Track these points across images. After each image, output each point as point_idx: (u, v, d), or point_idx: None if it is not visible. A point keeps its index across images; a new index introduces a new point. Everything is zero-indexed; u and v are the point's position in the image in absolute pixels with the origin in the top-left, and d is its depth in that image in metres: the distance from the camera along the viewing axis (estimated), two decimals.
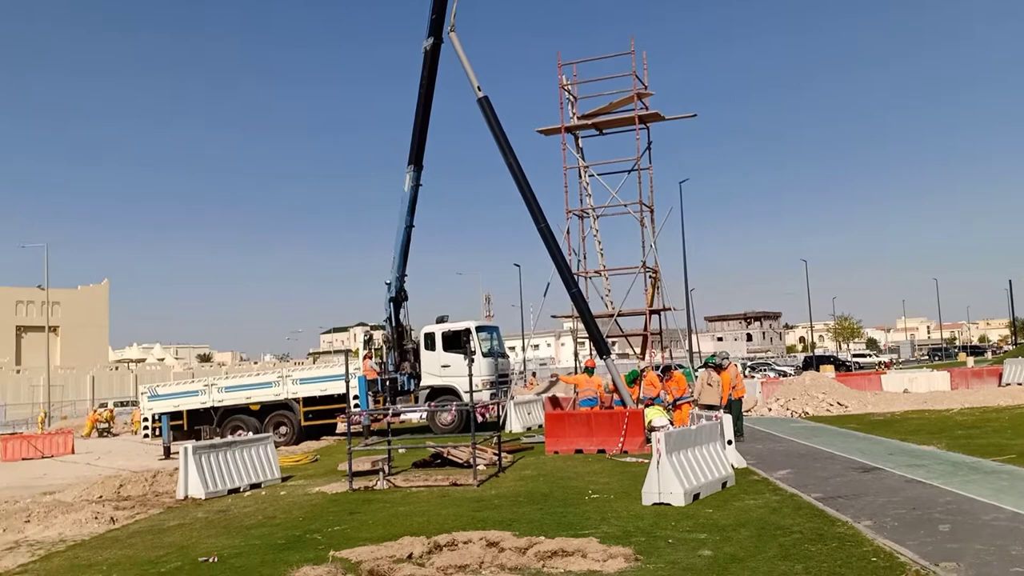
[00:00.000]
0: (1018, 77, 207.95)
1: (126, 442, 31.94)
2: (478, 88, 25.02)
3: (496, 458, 16.87)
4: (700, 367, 20.93)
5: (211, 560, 9.42)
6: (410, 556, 9.04)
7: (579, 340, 32.40)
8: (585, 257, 27.90)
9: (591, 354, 27.12)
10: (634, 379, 22.86)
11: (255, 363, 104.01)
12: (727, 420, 15.11)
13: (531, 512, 11.43)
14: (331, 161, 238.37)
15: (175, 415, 26.65)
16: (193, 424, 26.71)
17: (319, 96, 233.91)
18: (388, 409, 19.09)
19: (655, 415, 18.45)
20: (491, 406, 20.78)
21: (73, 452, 27.62)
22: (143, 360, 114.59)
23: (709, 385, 19.24)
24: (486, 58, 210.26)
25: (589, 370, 22.39)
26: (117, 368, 76.81)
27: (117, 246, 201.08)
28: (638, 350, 28.33)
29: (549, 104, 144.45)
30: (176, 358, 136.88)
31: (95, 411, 39.92)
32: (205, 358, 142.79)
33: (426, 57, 26.64)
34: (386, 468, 15.73)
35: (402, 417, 25.79)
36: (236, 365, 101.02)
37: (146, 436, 27.32)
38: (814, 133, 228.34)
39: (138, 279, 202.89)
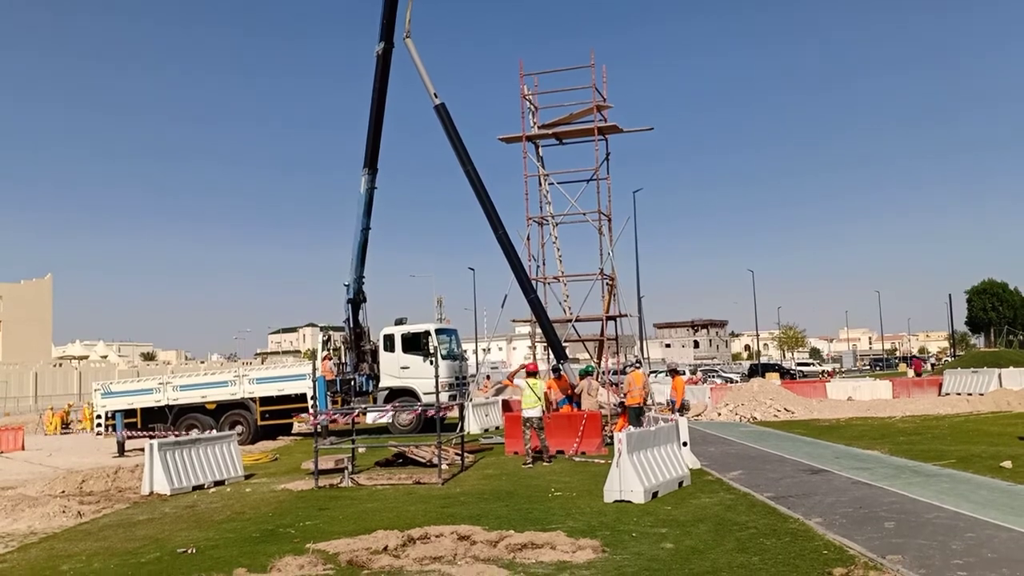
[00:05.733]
0: (961, 107, 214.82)
1: (77, 439, 31.56)
2: (435, 95, 25.10)
3: (458, 458, 17.27)
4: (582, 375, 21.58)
5: (189, 551, 9.65)
6: (386, 548, 9.37)
7: (536, 344, 32.83)
8: (544, 263, 28.22)
9: (543, 359, 27.59)
10: (585, 375, 23.31)
11: (202, 362, 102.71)
12: (683, 423, 15.69)
13: (498, 508, 11.84)
14: (285, 154, 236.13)
15: (129, 413, 26.48)
16: (147, 422, 26.55)
17: (276, 87, 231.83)
18: (355, 409, 19.29)
19: (528, 405, 17.88)
20: (451, 407, 21.11)
21: (23, 449, 27.27)
22: (86, 357, 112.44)
23: (589, 395, 19.89)
24: (446, 62, 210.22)
25: (532, 374, 22.72)
26: (60, 365, 75.29)
27: (58, 239, 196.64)
28: (594, 355, 28.84)
29: (509, 110, 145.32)
30: (120, 355, 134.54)
31: (67, 408, 39.40)
32: (149, 356, 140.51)
33: (378, 61, 26.51)
34: (350, 466, 16.02)
35: (362, 417, 25.95)
36: (181, 364, 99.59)
37: (99, 433, 27.09)
38: (764, 152, 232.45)
39: (79, 274, 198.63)
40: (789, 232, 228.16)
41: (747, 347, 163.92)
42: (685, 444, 15.27)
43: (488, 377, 49.92)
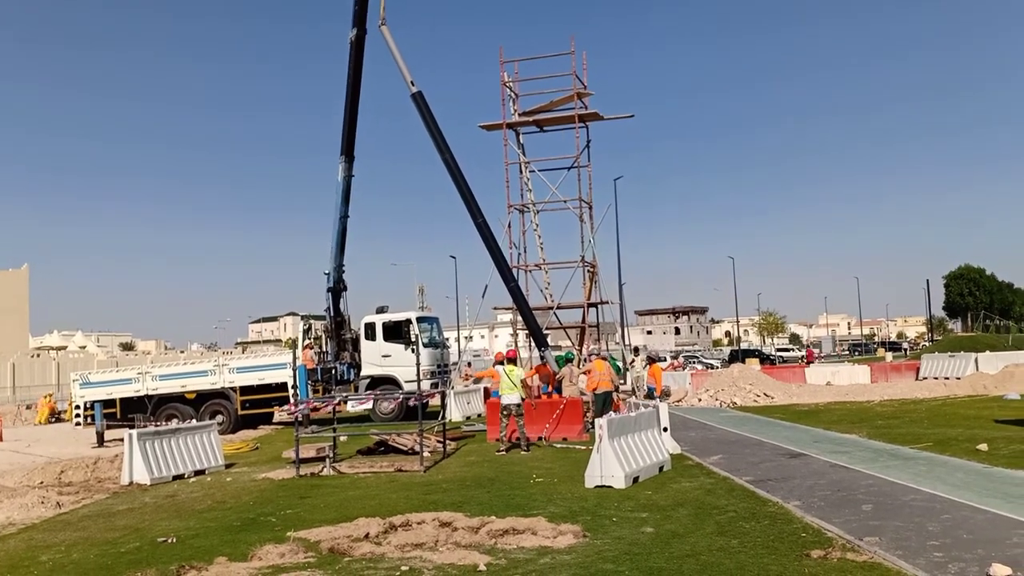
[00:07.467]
0: (938, 94, 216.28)
1: (56, 430, 31.28)
2: (411, 83, 24.95)
3: (439, 445, 17.28)
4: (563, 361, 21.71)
5: (170, 541, 9.61)
6: (367, 535, 9.39)
7: (518, 332, 32.89)
8: (526, 251, 28.39)
9: (524, 346, 27.64)
10: (566, 362, 23.38)
11: (181, 352, 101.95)
12: (663, 409, 15.76)
13: (479, 495, 11.87)
14: (265, 141, 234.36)
15: (108, 403, 26.27)
16: (126, 412, 26.35)
17: (254, 71, 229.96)
18: (335, 398, 19.27)
19: (506, 391, 17.68)
20: (433, 395, 21.10)
21: (1, 440, 26.99)
22: (64, 347, 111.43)
23: (571, 382, 20.00)
24: (424, 48, 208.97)
25: (511, 360, 22.68)
26: (38, 355, 74.51)
27: (35, 229, 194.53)
28: (576, 342, 28.95)
29: (490, 97, 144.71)
30: (98, 346, 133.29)
31: (50, 397, 39.06)
32: (128, 346, 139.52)
33: (352, 48, 26.24)
34: (332, 455, 16.00)
35: (344, 406, 25.94)
36: (161, 354, 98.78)
37: (78, 424, 26.87)
38: (745, 139, 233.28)
39: (57, 263, 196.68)
40: (769, 219, 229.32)
41: (727, 333, 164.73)
42: (665, 429, 15.34)
43: (469, 364, 49.97)
